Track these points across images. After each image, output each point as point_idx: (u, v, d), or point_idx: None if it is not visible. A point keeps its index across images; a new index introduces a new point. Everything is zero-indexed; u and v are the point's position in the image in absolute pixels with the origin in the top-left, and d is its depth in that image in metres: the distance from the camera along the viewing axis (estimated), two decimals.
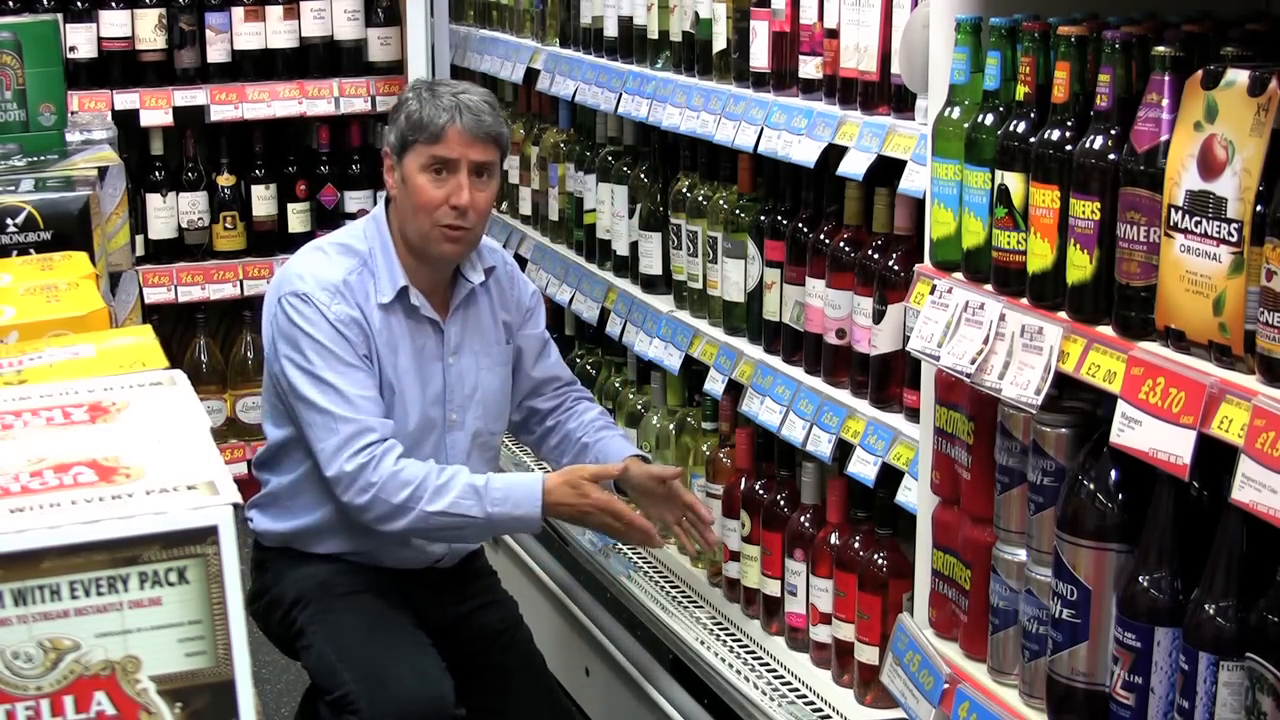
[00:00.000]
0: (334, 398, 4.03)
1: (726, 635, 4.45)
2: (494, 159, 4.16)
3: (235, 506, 1.58)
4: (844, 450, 3.88)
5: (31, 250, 3.03)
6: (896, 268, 3.71)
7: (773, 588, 4.31)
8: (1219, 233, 2.43)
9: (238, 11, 6.72)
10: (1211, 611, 2.49)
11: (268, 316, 4.18)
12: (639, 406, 5.14)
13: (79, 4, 6.62)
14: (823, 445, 3.93)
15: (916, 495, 3.46)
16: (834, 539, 4.04)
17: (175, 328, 7.00)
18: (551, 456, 4.61)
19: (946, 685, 3.18)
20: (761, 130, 4.08)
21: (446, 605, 4.42)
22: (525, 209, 5.96)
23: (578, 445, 4.50)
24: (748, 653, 4.33)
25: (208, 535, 1.56)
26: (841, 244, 3.91)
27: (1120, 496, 2.74)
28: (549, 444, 4.60)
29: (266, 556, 4.36)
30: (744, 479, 4.45)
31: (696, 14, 4.49)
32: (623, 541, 4.59)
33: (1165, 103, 2.56)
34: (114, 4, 6.62)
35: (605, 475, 4.22)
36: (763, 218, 4.29)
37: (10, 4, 6.56)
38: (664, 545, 4.34)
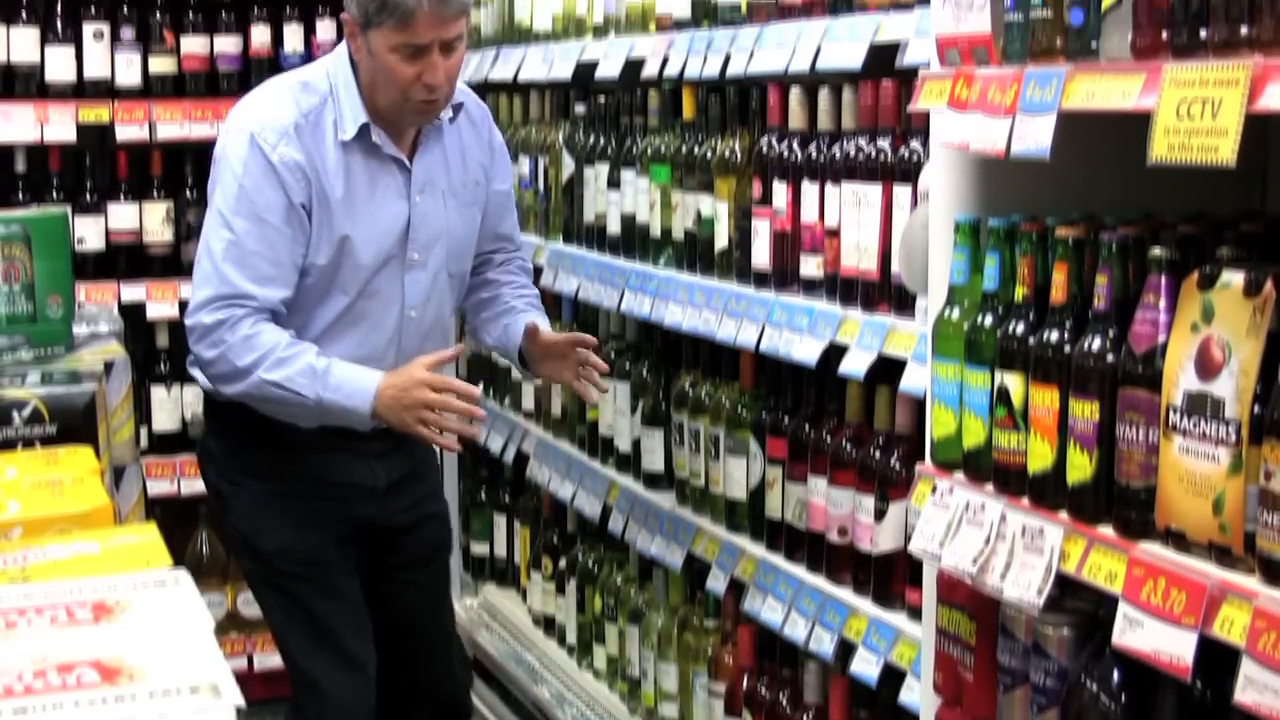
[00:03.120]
0: (229, 247, 4.04)
1: None
2: (463, 28, 4.05)
3: (237, 709, 1.58)
4: (846, 649, 3.87)
5: (37, 443, 3.05)
6: (898, 466, 3.72)
7: None
8: (1217, 433, 2.45)
9: None
10: None
11: (216, 148, 4.20)
12: (640, 604, 5.12)
13: (88, 197, 6.69)
14: (825, 644, 3.92)
15: (919, 695, 3.44)
16: None
17: (178, 520, 6.98)
18: (471, 308, 4.64)
19: None
20: (763, 328, 4.11)
21: (394, 515, 4.47)
22: (528, 404, 5.98)
23: (502, 306, 4.55)
24: None
25: None
26: (843, 442, 3.93)
27: (1123, 698, 2.72)
28: (477, 296, 4.61)
29: (215, 436, 4.46)
30: (746, 677, 4.43)
31: (699, 212, 4.54)
32: (440, 430, 4.10)
33: (1162, 304, 2.59)
34: (122, 197, 6.69)
35: (441, 360, 4.13)
36: (764, 415, 4.30)
37: (20, 196, 6.63)
38: (479, 427, 4.30)
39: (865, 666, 3.74)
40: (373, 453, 4.34)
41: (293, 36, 6.77)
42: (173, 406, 6.79)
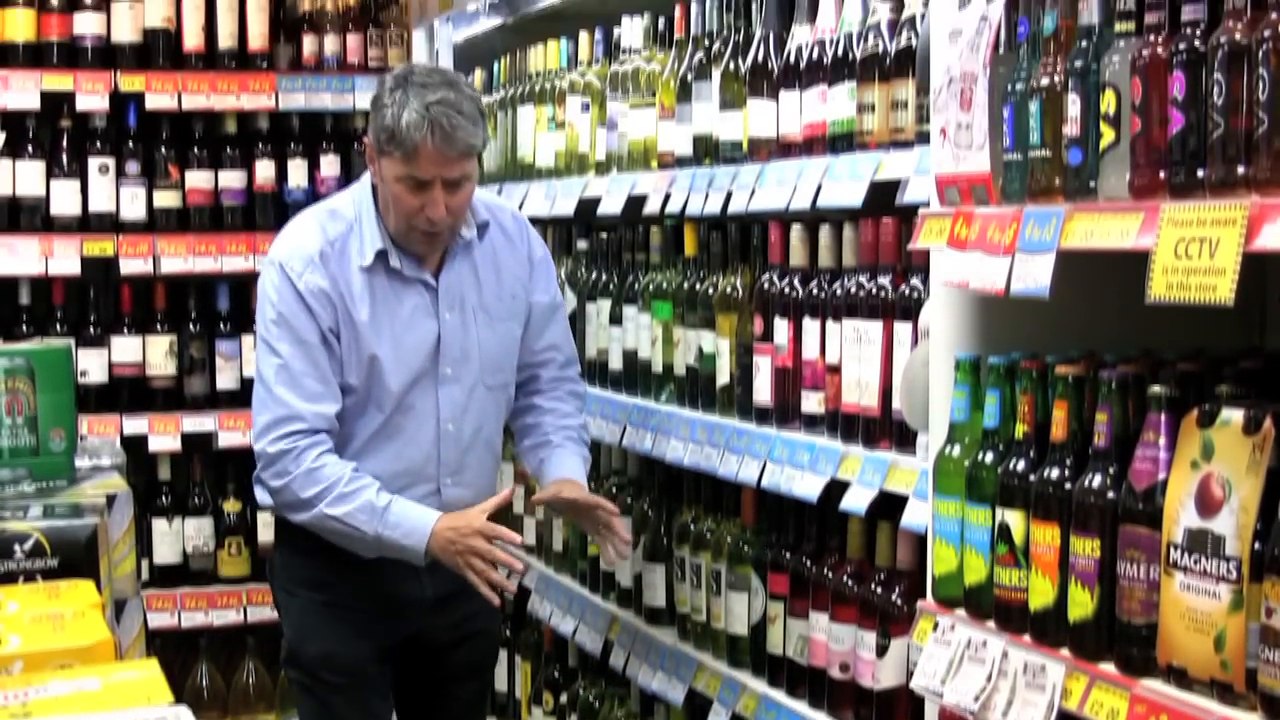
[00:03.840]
0: (279, 372, 4.21)
1: None
2: (469, 169, 4.18)
3: None
4: None
5: (39, 577, 3.04)
6: (899, 602, 3.71)
7: None
8: (1218, 570, 2.47)
9: (248, 339, 6.80)
10: None
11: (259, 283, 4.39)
12: None
13: (92, 329, 6.73)
14: None
15: None
16: None
17: (178, 653, 6.96)
18: (517, 431, 4.67)
19: None
20: (764, 464, 4.11)
21: (440, 630, 4.50)
22: (530, 539, 5.97)
23: (541, 437, 4.56)
24: None
25: None
26: (844, 578, 3.92)
27: None
28: (522, 420, 4.63)
29: (278, 547, 4.58)
30: None
31: (700, 348, 4.55)
32: (485, 580, 4.16)
33: (1162, 441, 2.62)
34: (126, 330, 6.72)
35: (498, 505, 4.24)
36: (766, 551, 4.30)
37: (24, 328, 6.66)
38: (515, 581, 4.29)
39: None
40: (423, 566, 4.37)
41: (296, 171, 6.84)
42: (174, 539, 6.80)
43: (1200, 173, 2.44)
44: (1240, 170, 2.36)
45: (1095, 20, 2.73)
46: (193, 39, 6.77)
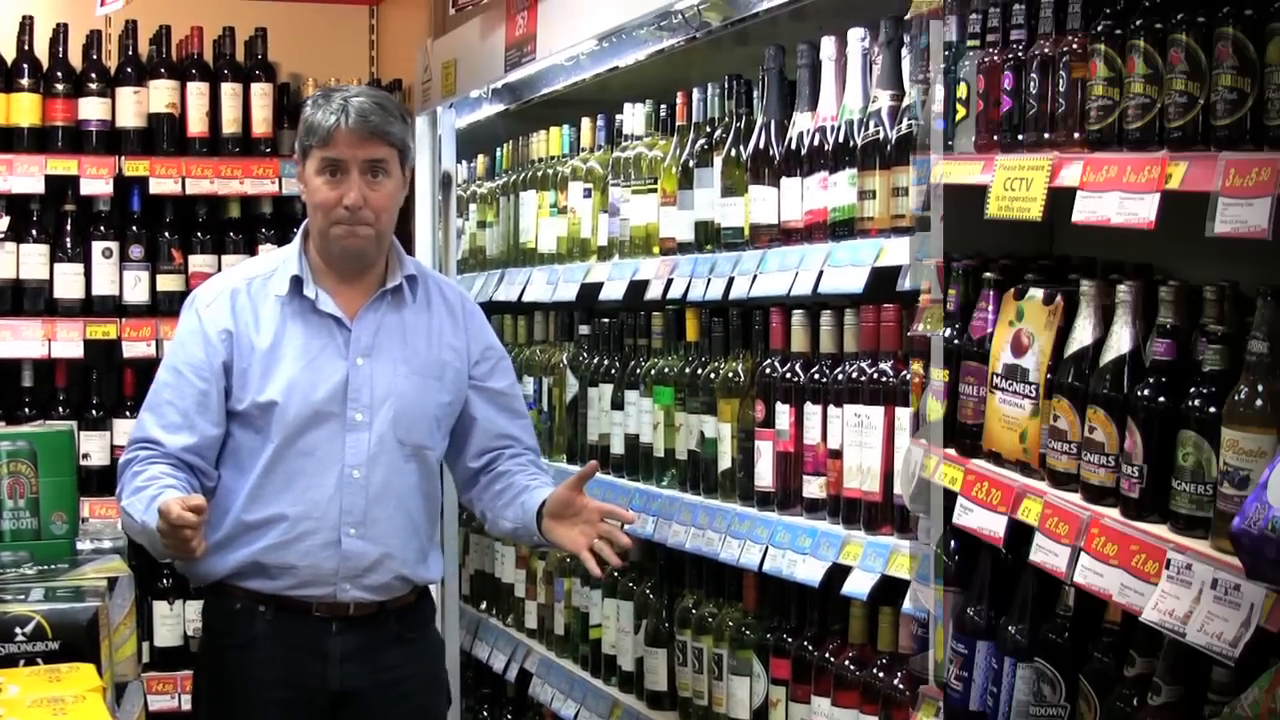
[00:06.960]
0: (152, 396, 4.35)
1: None
2: (385, 156, 4.23)
3: None
4: None
5: (39, 660, 3.04)
6: (902, 686, 3.71)
7: None
8: (1023, 391, 3.15)
9: None
10: (1013, 631, 3.18)
11: None
12: None
13: (94, 412, 6.75)
14: None
15: None
16: None
17: None
18: (491, 501, 4.47)
19: None
20: (766, 549, 4.11)
21: None
22: (531, 622, 5.95)
23: (520, 487, 4.38)
24: None
25: None
26: (846, 662, 3.92)
27: (957, 557, 3.36)
28: (493, 488, 4.46)
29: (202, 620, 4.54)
30: None
31: (702, 433, 4.56)
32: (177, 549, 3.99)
33: (990, 308, 3.31)
34: (128, 413, 6.73)
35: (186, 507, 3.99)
36: (768, 635, 4.29)
37: (26, 411, 6.69)
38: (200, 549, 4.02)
39: None
40: (333, 655, 4.29)
41: None
42: (175, 621, 6.79)
43: (1020, 137, 3.18)
44: (1046, 135, 3.10)
45: (954, 38, 3.41)
46: (197, 124, 6.84)
